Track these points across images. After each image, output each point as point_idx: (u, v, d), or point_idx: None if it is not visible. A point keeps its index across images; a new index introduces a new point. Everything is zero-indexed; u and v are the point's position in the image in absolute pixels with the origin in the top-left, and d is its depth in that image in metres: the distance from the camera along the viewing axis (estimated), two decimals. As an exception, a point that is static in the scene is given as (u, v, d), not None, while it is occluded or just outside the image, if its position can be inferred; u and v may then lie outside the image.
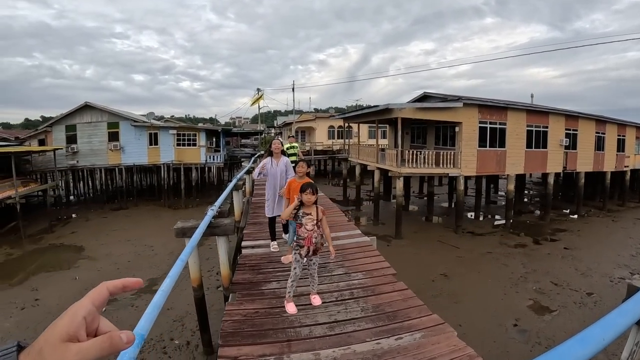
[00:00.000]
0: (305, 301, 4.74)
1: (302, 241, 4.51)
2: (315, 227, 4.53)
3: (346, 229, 8.59)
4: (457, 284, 13.42)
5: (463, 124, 19.59)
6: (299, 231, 4.55)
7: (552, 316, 11.15)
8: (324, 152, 39.92)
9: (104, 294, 0.78)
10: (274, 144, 7.22)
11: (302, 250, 4.51)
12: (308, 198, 4.51)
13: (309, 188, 4.53)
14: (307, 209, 4.56)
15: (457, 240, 18.49)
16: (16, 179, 22.88)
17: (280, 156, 7.25)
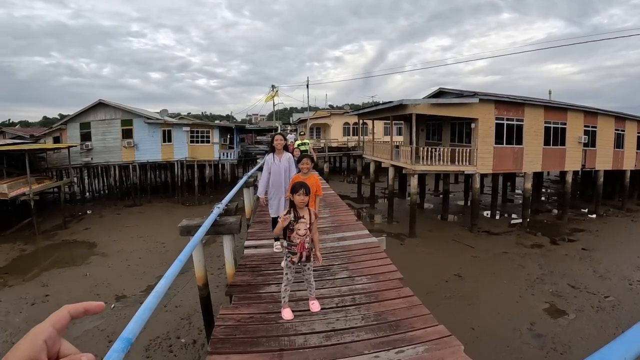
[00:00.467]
0: (303, 306, 4.44)
1: (294, 247, 4.20)
2: (308, 232, 4.22)
3: (354, 229, 8.28)
4: (471, 285, 13.06)
5: (479, 120, 19.14)
6: (290, 236, 4.22)
7: (568, 320, 10.75)
8: (338, 149, 39.54)
9: (65, 318, 0.77)
10: (275, 139, 6.83)
11: (295, 257, 4.20)
12: (301, 200, 4.16)
13: (302, 189, 4.16)
14: (300, 211, 4.23)
15: (473, 240, 18.09)
16: (31, 176, 22.99)
17: (283, 152, 6.84)
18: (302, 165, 5.82)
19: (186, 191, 30.91)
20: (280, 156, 6.78)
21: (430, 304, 11.33)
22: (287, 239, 4.27)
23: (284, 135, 7.08)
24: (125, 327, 3.04)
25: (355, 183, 33.20)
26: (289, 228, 4.21)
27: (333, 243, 7.30)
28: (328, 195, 13.04)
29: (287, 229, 4.23)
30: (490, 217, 23.11)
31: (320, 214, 9.98)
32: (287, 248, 4.26)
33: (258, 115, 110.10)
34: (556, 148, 21.55)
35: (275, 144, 6.79)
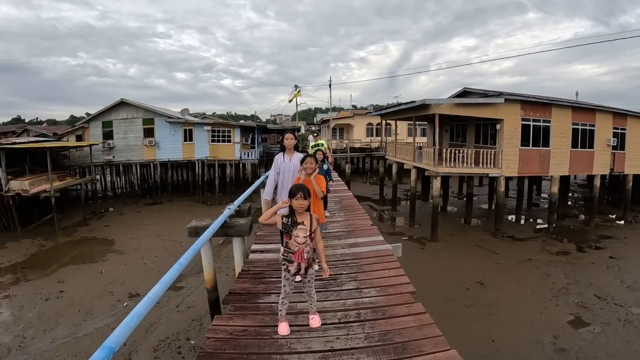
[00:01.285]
0: (303, 320, 4.03)
1: (291, 255, 3.81)
2: (308, 240, 3.82)
3: (367, 234, 7.81)
4: (493, 293, 12.48)
5: (504, 121, 18.49)
6: (288, 243, 3.83)
7: (593, 334, 10.10)
8: (361, 150, 39.06)
9: None
10: (286, 137, 6.34)
11: (291, 266, 3.82)
12: (299, 204, 3.76)
13: (300, 192, 3.75)
14: (299, 217, 3.83)
15: (496, 245, 17.42)
16: (53, 174, 23.29)
17: (294, 152, 6.36)
18: (306, 165, 5.30)
19: (207, 190, 30.95)
20: (290, 155, 6.32)
21: (449, 312, 10.94)
22: (284, 246, 3.88)
23: (295, 135, 6.48)
24: (111, 334, 2.75)
25: (377, 184, 32.73)
26: (286, 232, 3.84)
27: (344, 250, 6.86)
28: (345, 197, 12.58)
29: (284, 233, 3.87)
30: (515, 222, 22.32)
31: (334, 217, 9.60)
32: (284, 255, 3.86)
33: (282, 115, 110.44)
34: (584, 151, 20.71)
35: (285, 143, 6.32)
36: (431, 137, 27.12)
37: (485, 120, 20.16)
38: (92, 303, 12.56)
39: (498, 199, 19.23)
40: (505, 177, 19.15)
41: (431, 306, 10.89)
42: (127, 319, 2.98)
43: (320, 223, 4.04)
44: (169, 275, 3.97)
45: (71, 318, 11.65)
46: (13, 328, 11.23)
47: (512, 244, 17.76)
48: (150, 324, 11.06)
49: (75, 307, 12.38)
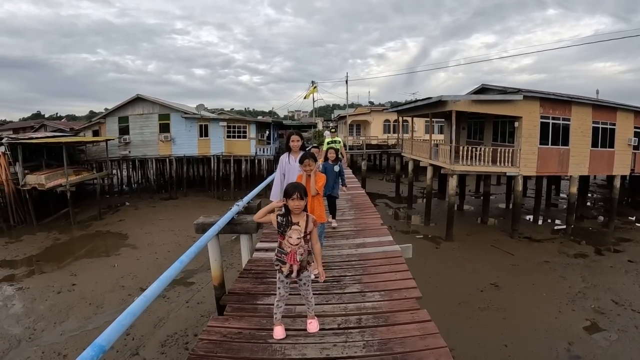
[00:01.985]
0: (301, 324, 3.82)
1: (283, 256, 3.61)
2: (302, 242, 3.60)
3: (376, 234, 7.50)
4: (508, 296, 12.14)
5: (523, 118, 18.05)
6: (281, 244, 3.64)
7: (610, 342, 9.72)
8: (378, 147, 38.64)
9: None
10: (292, 139, 6.03)
11: (284, 267, 3.62)
12: (295, 205, 3.56)
13: (296, 192, 3.56)
14: (295, 218, 3.63)
15: (513, 246, 17.02)
16: (70, 168, 23.59)
17: (299, 153, 5.95)
18: (305, 168, 5.07)
19: (222, 186, 30.95)
20: (296, 156, 5.96)
21: (461, 315, 10.67)
22: (278, 246, 3.69)
23: (301, 136, 6.20)
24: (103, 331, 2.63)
25: (393, 182, 32.39)
26: (280, 232, 3.65)
27: (351, 250, 6.60)
28: (357, 195, 12.28)
29: (279, 233, 3.67)
30: (532, 222, 21.80)
31: (344, 215, 9.34)
32: (277, 256, 3.67)
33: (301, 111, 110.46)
34: (604, 150, 20.09)
35: (291, 145, 6.04)
36: (448, 135, 26.73)
37: (504, 117, 19.74)
38: (103, 297, 12.62)
39: (515, 199, 18.80)
40: (523, 177, 18.69)
41: (444, 308, 10.79)
42: (120, 317, 2.88)
43: (317, 224, 3.83)
44: (167, 273, 3.83)
45: (82, 311, 11.73)
46: (24, 320, 11.37)
47: (529, 245, 17.34)
48: (159, 319, 11.07)
49: (86, 300, 12.46)
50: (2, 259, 16.69)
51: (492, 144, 21.34)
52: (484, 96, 18.97)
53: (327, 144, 13.13)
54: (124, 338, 9.95)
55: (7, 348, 9.99)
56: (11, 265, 16.11)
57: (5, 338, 10.42)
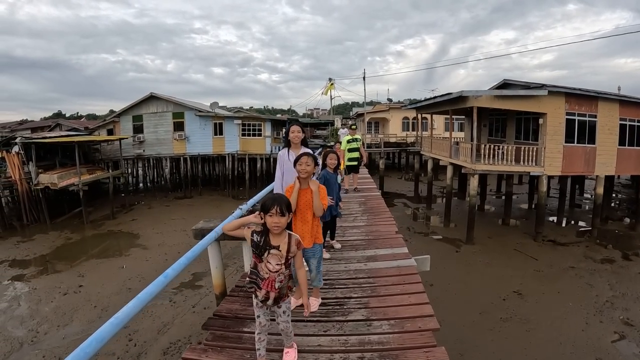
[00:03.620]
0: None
1: (259, 280, 2.98)
2: (283, 268, 2.97)
3: (390, 245, 6.61)
4: (532, 305, 11.32)
5: (548, 115, 17.14)
6: (257, 266, 2.99)
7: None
8: (397, 145, 37.82)
9: None
10: (291, 130, 5.20)
11: (259, 293, 2.99)
12: (273, 222, 2.88)
13: (275, 205, 2.88)
14: (274, 239, 2.96)
15: (536, 250, 16.12)
16: (83, 167, 23.74)
17: (300, 147, 5.21)
18: (301, 167, 3.97)
19: (238, 184, 30.53)
20: (297, 152, 5.12)
21: (482, 327, 9.86)
22: (252, 266, 3.05)
23: (302, 127, 5.36)
24: None
25: (412, 181, 31.44)
26: (255, 253, 2.98)
27: (359, 264, 5.74)
28: (371, 197, 11.43)
29: (253, 253, 3.01)
30: (556, 224, 20.79)
31: (356, 221, 8.51)
32: (250, 277, 3.04)
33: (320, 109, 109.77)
34: (632, 149, 18.98)
35: (291, 137, 5.19)
36: (469, 132, 25.88)
37: (527, 114, 18.86)
38: (108, 299, 12.26)
39: (540, 200, 17.89)
40: (547, 176, 17.83)
41: (464, 318, 10.05)
42: (84, 345, 2.43)
43: (301, 246, 3.12)
44: (148, 290, 3.29)
45: (86, 314, 11.41)
46: (28, 322, 11.15)
47: (554, 249, 16.44)
48: (163, 324, 10.65)
49: (92, 303, 12.14)
50: (13, 259, 16.51)
51: (515, 141, 20.45)
52: (507, 91, 18.10)
53: (346, 143, 12.43)
54: (126, 344, 9.61)
55: (9, 351, 9.76)
56: (21, 264, 15.91)
57: (8, 340, 10.21)
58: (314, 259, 4.07)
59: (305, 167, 3.92)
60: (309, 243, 4.00)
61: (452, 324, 9.49)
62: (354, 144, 12.28)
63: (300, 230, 3.93)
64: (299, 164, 3.94)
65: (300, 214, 3.98)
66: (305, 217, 3.98)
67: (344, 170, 12.06)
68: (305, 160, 3.94)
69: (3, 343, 10.10)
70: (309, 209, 3.95)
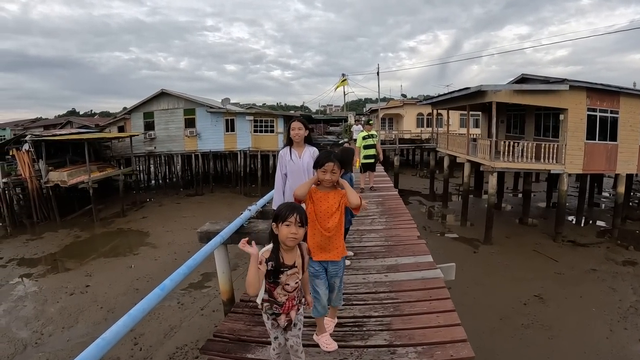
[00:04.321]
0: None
1: (277, 308, 2.59)
2: (300, 284, 2.63)
3: (412, 252, 5.91)
4: (554, 311, 10.72)
5: (569, 111, 16.49)
6: (273, 292, 2.58)
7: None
8: (411, 141, 37.21)
9: None
10: (292, 127, 4.65)
11: (280, 319, 2.61)
12: (291, 233, 2.47)
13: (296, 214, 2.48)
14: (288, 256, 2.54)
15: (556, 251, 15.45)
16: (94, 165, 23.85)
17: (304, 145, 4.71)
18: (325, 176, 3.19)
19: (250, 182, 30.20)
20: (300, 151, 4.69)
21: (503, 334, 9.21)
22: (266, 292, 2.63)
23: (305, 123, 4.70)
24: None
25: (427, 178, 30.81)
26: (270, 280, 2.57)
27: (379, 276, 5.10)
28: (389, 197, 10.84)
29: (268, 282, 2.59)
30: (575, 224, 20.03)
31: (374, 224, 7.89)
32: (267, 305, 2.64)
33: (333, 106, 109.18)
34: (654, 146, 18.24)
35: (292, 135, 4.63)
36: (485, 128, 25.25)
37: (547, 109, 18.23)
38: (115, 300, 11.96)
39: (560, 199, 17.23)
40: (568, 175, 17.17)
41: (483, 325, 9.48)
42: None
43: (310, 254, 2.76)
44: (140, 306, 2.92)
45: (92, 316, 11.13)
46: (33, 323, 10.92)
47: (574, 250, 15.78)
48: (170, 327, 10.29)
49: (98, 303, 11.86)
50: (21, 257, 16.32)
51: (534, 138, 19.80)
52: (527, 85, 17.48)
53: (362, 139, 11.88)
54: (131, 348, 9.29)
55: (12, 353, 9.53)
56: (29, 263, 15.70)
57: (12, 342, 9.99)
58: (337, 277, 3.41)
59: (330, 176, 3.18)
60: (337, 255, 3.34)
61: (472, 330, 8.90)
62: (370, 140, 11.78)
63: (320, 242, 3.28)
64: (322, 171, 3.18)
65: (321, 222, 3.27)
66: (326, 225, 3.26)
67: (360, 169, 11.65)
68: (330, 168, 3.16)
69: (7, 344, 9.89)
70: (331, 216, 3.26)
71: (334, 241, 3.28)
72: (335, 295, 3.44)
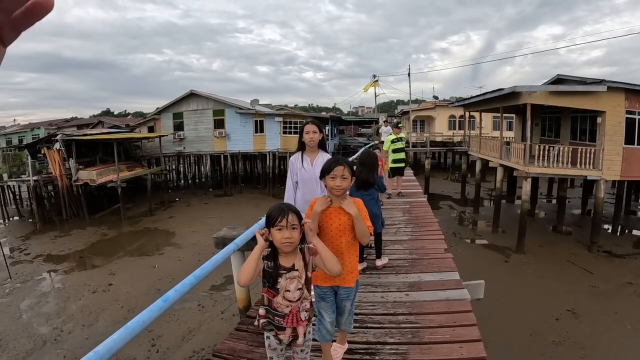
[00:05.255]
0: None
1: (279, 320, 2.30)
2: (305, 291, 2.31)
3: (437, 267, 5.36)
4: (588, 327, 10.03)
5: (607, 113, 15.66)
6: (272, 302, 2.31)
7: None
8: (443, 144, 36.37)
9: None
10: (305, 129, 4.09)
11: (283, 335, 2.32)
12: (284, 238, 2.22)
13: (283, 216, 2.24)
14: (285, 259, 2.29)
15: (591, 262, 14.61)
16: (123, 164, 24.28)
17: (318, 152, 4.17)
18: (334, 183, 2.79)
19: (278, 183, 30.06)
20: (313, 157, 4.16)
21: (533, 351, 8.49)
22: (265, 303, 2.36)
23: (319, 126, 4.17)
24: None
25: (458, 182, 29.98)
26: (267, 284, 2.30)
27: (399, 294, 4.62)
28: (416, 204, 10.29)
29: (266, 284, 2.32)
30: (611, 233, 18.99)
31: (398, 234, 7.36)
32: (267, 318, 2.36)
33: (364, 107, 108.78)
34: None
35: (305, 139, 4.09)
36: (519, 131, 24.43)
37: (584, 112, 17.38)
38: (136, 300, 11.94)
39: (596, 207, 16.34)
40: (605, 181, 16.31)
41: (512, 340, 8.89)
42: None
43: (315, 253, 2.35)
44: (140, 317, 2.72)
45: (112, 315, 11.12)
46: (54, 319, 11.02)
47: (610, 262, 14.87)
48: (189, 330, 10.19)
49: (119, 302, 11.89)
50: (48, 253, 16.59)
51: (570, 142, 18.97)
52: (564, 87, 16.70)
53: (390, 143, 11.56)
54: (148, 350, 9.21)
55: (31, 349, 9.60)
56: (55, 260, 15.93)
57: (32, 337, 10.08)
58: (348, 300, 3.03)
59: (340, 182, 2.77)
60: (350, 280, 2.97)
61: (500, 346, 8.50)
62: (398, 143, 11.42)
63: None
64: (330, 177, 2.80)
65: (332, 242, 2.86)
66: (338, 245, 2.86)
67: (388, 173, 11.28)
68: (340, 172, 2.77)
69: (26, 340, 9.97)
70: (343, 234, 2.88)
71: (345, 264, 2.88)
72: (344, 319, 3.09)
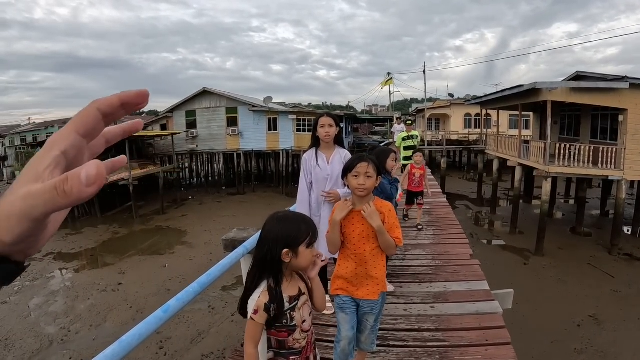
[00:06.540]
0: None
1: (295, 358, 1.91)
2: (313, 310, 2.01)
3: (464, 276, 4.90)
4: (610, 334, 9.57)
5: (628, 111, 15.11)
6: (284, 343, 1.92)
7: None
8: (459, 143, 35.80)
9: (92, 117, 0.48)
10: (321, 125, 3.65)
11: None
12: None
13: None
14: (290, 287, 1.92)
15: (612, 265, 14.03)
16: (136, 162, 24.54)
17: (334, 147, 3.76)
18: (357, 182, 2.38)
19: (292, 181, 29.78)
20: (328, 154, 3.73)
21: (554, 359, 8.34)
22: (273, 346, 1.96)
23: (336, 119, 3.74)
24: None
25: (475, 181, 29.37)
26: (274, 326, 1.88)
27: (424, 307, 4.13)
28: (437, 205, 9.80)
29: (275, 327, 1.89)
30: (631, 235, 18.16)
31: (419, 237, 6.84)
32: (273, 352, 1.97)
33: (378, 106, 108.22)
34: None
35: (320, 133, 3.64)
36: (537, 130, 23.88)
37: (604, 110, 16.89)
38: (145, 300, 11.75)
39: (617, 208, 15.82)
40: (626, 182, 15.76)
41: (533, 348, 8.35)
42: None
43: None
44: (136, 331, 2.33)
45: (120, 315, 10.97)
46: (62, 319, 10.91)
47: (631, 265, 14.28)
48: (198, 332, 9.96)
49: (128, 302, 11.71)
50: (59, 252, 16.49)
51: (590, 141, 18.40)
52: (585, 83, 16.10)
53: (401, 140, 11.39)
54: (156, 352, 9.03)
55: (38, 349, 9.51)
56: (65, 258, 15.87)
57: (39, 337, 9.98)
58: (371, 315, 2.60)
59: (364, 180, 2.38)
60: (374, 293, 2.55)
61: (522, 355, 8.13)
62: (409, 141, 11.23)
63: (351, 274, 2.52)
64: (353, 175, 2.41)
65: (354, 249, 2.50)
66: (361, 254, 2.48)
67: (401, 169, 10.98)
68: (364, 170, 2.38)
69: (33, 340, 9.87)
70: (367, 241, 2.47)
71: (370, 274, 2.51)
72: (365, 337, 2.66)
